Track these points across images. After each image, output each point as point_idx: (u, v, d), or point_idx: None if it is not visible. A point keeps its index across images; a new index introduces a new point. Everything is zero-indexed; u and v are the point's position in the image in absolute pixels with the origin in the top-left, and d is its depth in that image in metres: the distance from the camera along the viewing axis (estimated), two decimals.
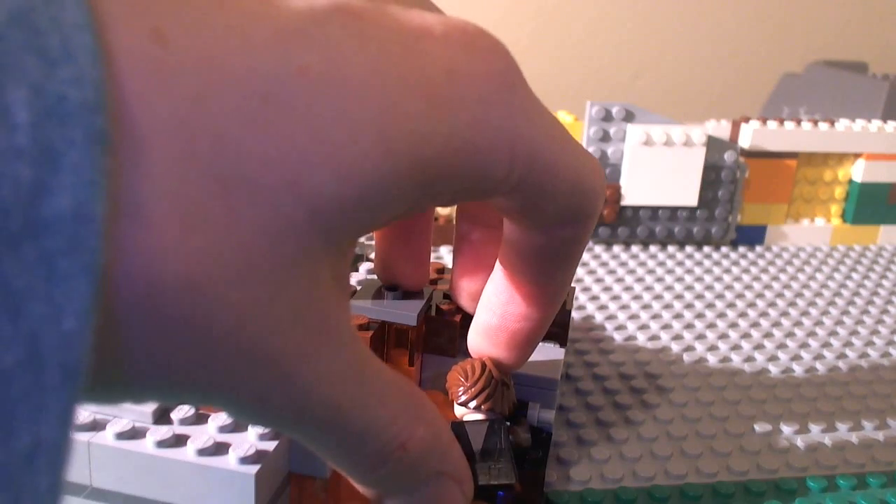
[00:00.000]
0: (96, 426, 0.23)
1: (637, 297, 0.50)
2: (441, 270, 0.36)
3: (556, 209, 0.21)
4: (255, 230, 0.14)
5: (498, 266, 0.25)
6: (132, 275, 0.13)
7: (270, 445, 0.23)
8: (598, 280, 0.52)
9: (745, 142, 0.58)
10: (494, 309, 0.25)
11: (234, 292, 0.14)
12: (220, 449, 0.22)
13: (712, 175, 0.57)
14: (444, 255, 0.54)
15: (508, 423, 0.27)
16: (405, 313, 0.29)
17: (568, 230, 0.22)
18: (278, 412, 0.16)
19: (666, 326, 0.46)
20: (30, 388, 0.11)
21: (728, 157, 0.57)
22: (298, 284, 0.15)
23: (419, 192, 0.17)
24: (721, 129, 0.61)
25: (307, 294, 0.16)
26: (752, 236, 0.60)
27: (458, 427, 0.26)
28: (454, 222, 0.28)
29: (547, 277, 0.24)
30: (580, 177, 0.21)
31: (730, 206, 0.58)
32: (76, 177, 0.12)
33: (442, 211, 0.56)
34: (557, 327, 0.33)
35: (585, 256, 0.56)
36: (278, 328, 0.15)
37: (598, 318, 0.46)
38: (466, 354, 0.31)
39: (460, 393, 0.27)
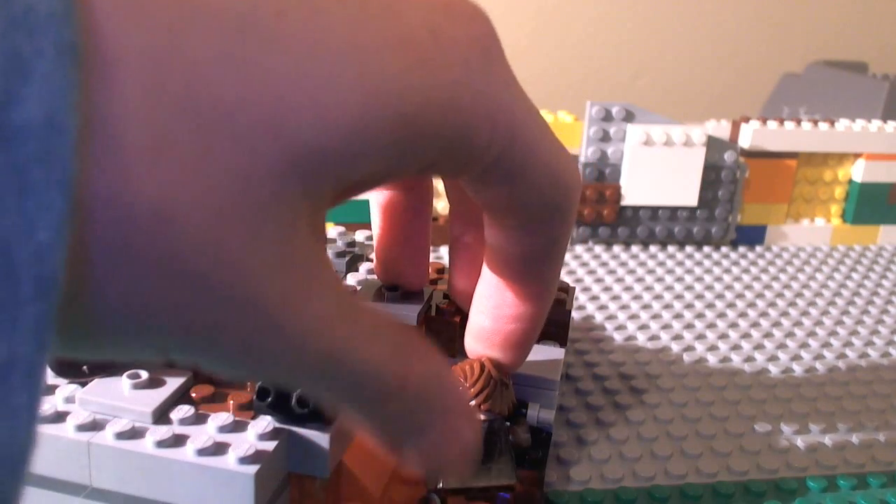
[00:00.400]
0: (96, 426, 0.23)
1: (637, 297, 0.50)
2: (441, 270, 0.36)
3: (533, 198, 0.21)
4: (229, 168, 0.14)
5: (486, 269, 0.25)
6: (103, 197, 0.13)
7: (270, 445, 0.23)
8: (598, 280, 0.52)
9: (745, 142, 0.58)
10: (486, 312, 0.25)
11: (207, 230, 0.14)
12: (219, 449, 0.22)
13: (712, 175, 0.57)
14: (445, 255, 0.54)
15: (508, 424, 0.27)
16: (405, 313, 0.29)
17: (547, 227, 0.22)
18: (269, 362, 0.16)
19: (666, 326, 0.46)
20: (3, 300, 0.11)
21: (728, 157, 0.57)
22: (276, 228, 0.15)
23: (399, 149, 0.17)
24: (721, 129, 0.61)
25: (286, 239, 0.15)
26: (752, 236, 0.60)
27: None
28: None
29: (533, 277, 0.24)
30: (559, 168, 0.21)
31: (730, 206, 0.58)
32: (47, 86, 0.12)
33: (442, 211, 0.56)
34: (557, 327, 0.33)
35: (585, 256, 0.56)
36: (258, 271, 0.15)
37: (598, 318, 0.46)
38: (466, 355, 0.31)
39: None
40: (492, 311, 0.25)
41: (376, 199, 0.27)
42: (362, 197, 0.23)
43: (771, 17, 1.10)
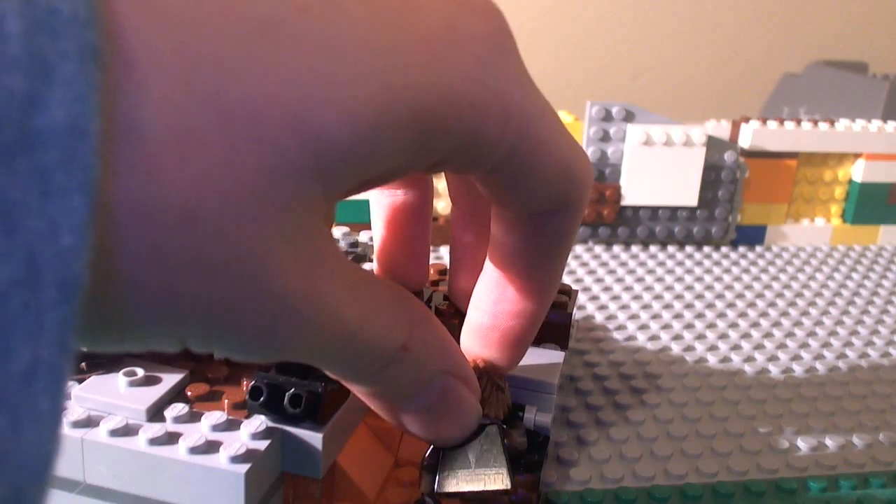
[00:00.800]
0: (90, 423, 0.23)
1: (637, 297, 0.49)
2: (443, 272, 0.36)
3: (543, 192, 0.21)
4: (255, 167, 0.14)
5: (487, 264, 0.24)
6: (128, 198, 0.13)
7: (262, 445, 0.23)
8: (598, 280, 0.52)
9: (745, 142, 0.58)
10: (485, 308, 0.25)
11: (233, 226, 0.14)
12: (211, 447, 0.22)
13: (712, 175, 0.57)
14: (445, 255, 0.54)
15: (503, 427, 0.26)
16: None
17: (554, 220, 0.22)
18: (285, 347, 0.16)
19: (666, 326, 0.46)
20: (27, 305, 0.11)
21: (728, 157, 0.56)
22: (297, 223, 0.15)
23: (416, 145, 0.17)
24: (721, 129, 0.61)
25: (305, 232, 0.16)
26: (752, 236, 0.60)
27: None
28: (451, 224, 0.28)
29: (537, 274, 0.24)
30: (569, 162, 0.21)
31: (730, 206, 0.58)
32: (70, 90, 0.12)
33: (442, 211, 0.56)
34: (558, 330, 0.33)
35: (585, 256, 0.56)
36: (281, 264, 0.15)
37: (599, 318, 0.46)
38: None
39: None
40: (491, 307, 0.25)
41: (377, 200, 0.27)
42: (363, 197, 0.23)
43: (771, 17, 1.10)
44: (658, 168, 0.55)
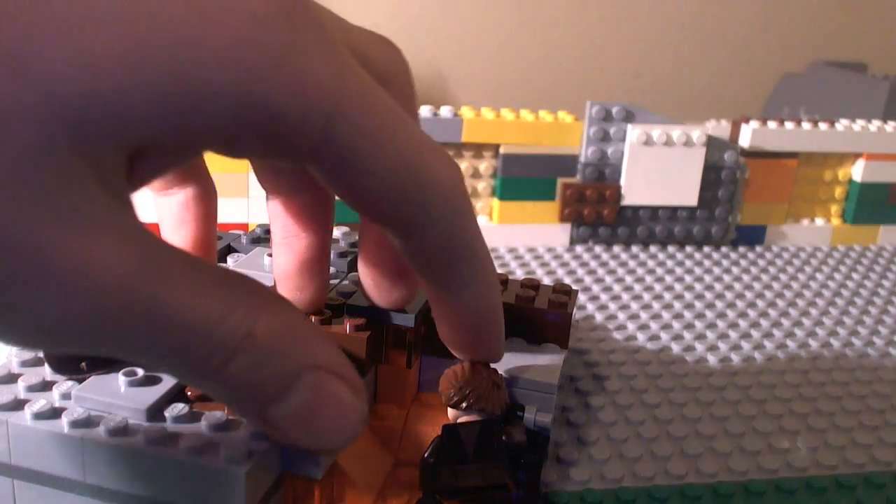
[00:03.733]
0: (90, 423, 0.23)
1: (637, 297, 0.49)
2: None
3: (383, 196, 0.18)
4: None
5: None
6: None
7: (262, 445, 0.23)
8: (598, 280, 0.52)
9: (745, 142, 0.58)
10: (438, 317, 0.24)
11: None
12: (210, 448, 0.22)
13: (712, 175, 0.57)
14: None
15: (501, 424, 0.26)
16: (403, 314, 0.29)
17: (421, 230, 0.19)
18: (49, 308, 0.15)
19: (666, 326, 0.46)
20: None
21: (728, 157, 0.57)
22: (40, 178, 0.14)
23: (178, 105, 0.15)
24: (721, 129, 0.61)
25: (53, 189, 0.14)
26: (752, 236, 0.60)
27: (450, 429, 0.26)
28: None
29: (448, 276, 0.21)
30: (415, 164, 0.18)
31: (730, 206, 0.58)
32: None
33: None
34: (557, 330, 0.33)
35: (585, 256, 0.56)
36: (18, 216, 0.14)
37: (599, 318, 0.46)
38: None
39: (452, 394, 0.27)
40: (439, 317, 0.24)
41: (157, 206, 0.25)
42: None
43: (771, 17, 1.10)
44: (658, 168, 0.55)
